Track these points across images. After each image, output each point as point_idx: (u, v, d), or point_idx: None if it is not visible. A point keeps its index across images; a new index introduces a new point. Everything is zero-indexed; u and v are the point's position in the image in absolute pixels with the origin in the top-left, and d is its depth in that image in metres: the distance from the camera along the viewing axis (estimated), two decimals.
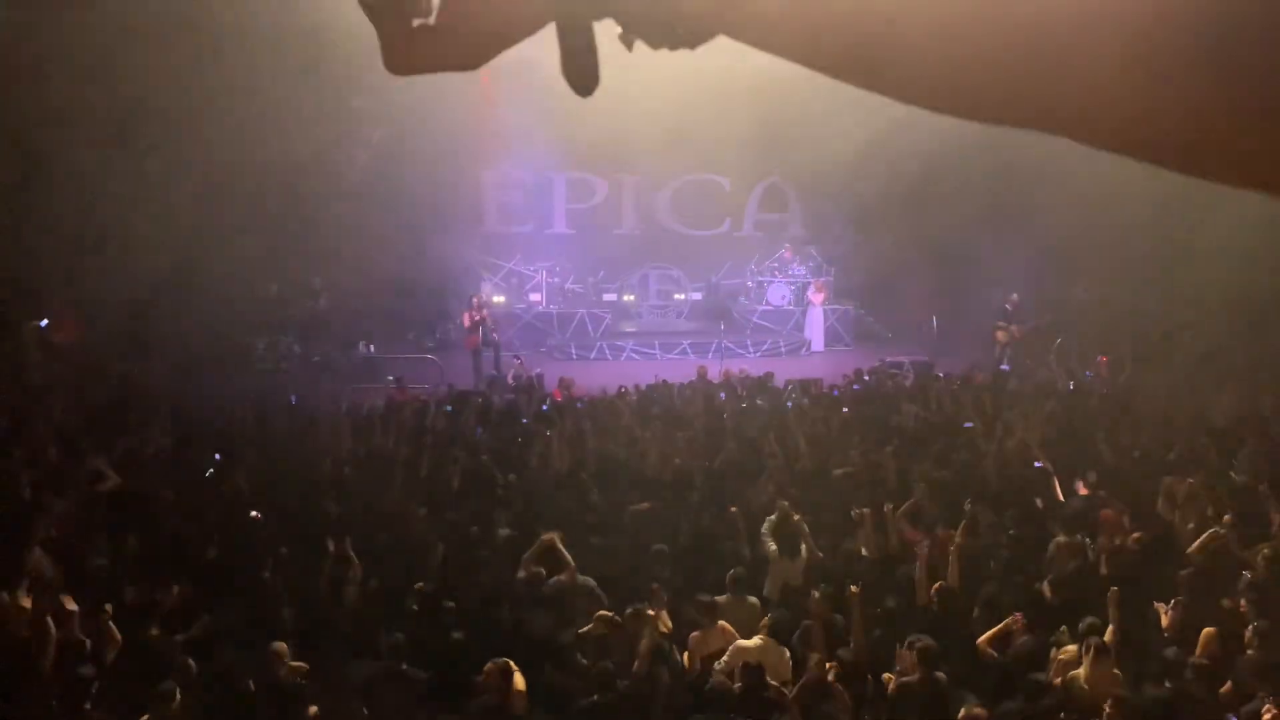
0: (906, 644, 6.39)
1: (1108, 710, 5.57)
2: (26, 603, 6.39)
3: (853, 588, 6.65)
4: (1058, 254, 19.04)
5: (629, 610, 6.81)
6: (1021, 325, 18.59)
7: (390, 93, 17.80)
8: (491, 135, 20.09)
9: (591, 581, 7.63)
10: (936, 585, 7.25)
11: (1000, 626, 6.75)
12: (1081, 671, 6.15)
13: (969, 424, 11.31)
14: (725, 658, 6.52)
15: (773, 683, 6.33)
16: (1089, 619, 6.54)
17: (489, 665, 5.94)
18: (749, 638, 6.72)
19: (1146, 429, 11.57)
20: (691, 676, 6.58)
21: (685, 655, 6.80)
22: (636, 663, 6.32)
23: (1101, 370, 16.03)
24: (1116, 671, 6.30)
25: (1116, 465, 10.19)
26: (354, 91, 18.06)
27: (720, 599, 7.17)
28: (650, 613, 6.61)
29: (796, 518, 8.20)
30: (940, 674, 6.26)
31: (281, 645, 6.40)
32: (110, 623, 6.33)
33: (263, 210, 16.73)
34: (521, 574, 7.44)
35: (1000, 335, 18.52)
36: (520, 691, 5.96)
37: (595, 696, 5.95)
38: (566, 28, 0.77)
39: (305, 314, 18.64)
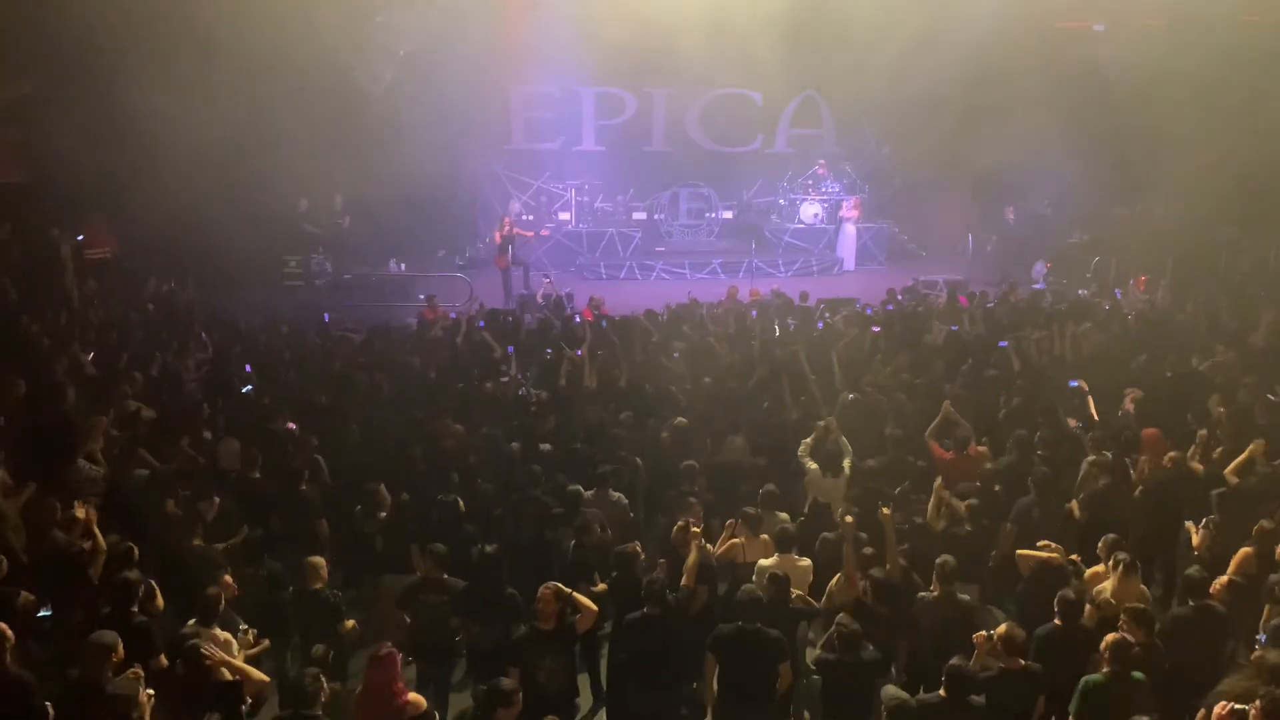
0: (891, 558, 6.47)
1: (1122, 622, 5.61)
2: (80, 512, 6.56)
3: (884, 509, 6.64)
4: (1098, 171, 18.56)
5: (677, 525, 6.90)
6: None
7: (415, 8, 17.50)
8: (519, 48, 19.70)
9: (623, 499, 7.73)
10: (966, 504, 7.26)
11: (1037, 550, 6.76)
12: (1109, 586, 6.19)
13: (1004, 343, 11.19)
14: (754, 578, 6.63)
15: (797, 593, 6.46)
16: (1110, 536, 6.55)
17: (543, 591, 5.91)
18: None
19: (1176, 349, 11.37)
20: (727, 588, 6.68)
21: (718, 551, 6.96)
22: (684, 577, 6.42)
23: (1137, 290, 15.74)
24: (1143, 587, 6.34)
25: (1151, 385, 10.07)
26: (378, 7, 17.76)
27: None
28: (696, 529, 6.69)
29: (843, 439, 8.21)
30: (963, 593, 6.32)
31: (319, 559, 6.56)
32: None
33: (293, 128, 16.64)
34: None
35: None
36: (592, 610, 6.03)
37: (645, 610, 6.04)
38: None
39: (330, 233, 18.66)
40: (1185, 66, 16.61)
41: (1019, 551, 6.82)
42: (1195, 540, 6.96)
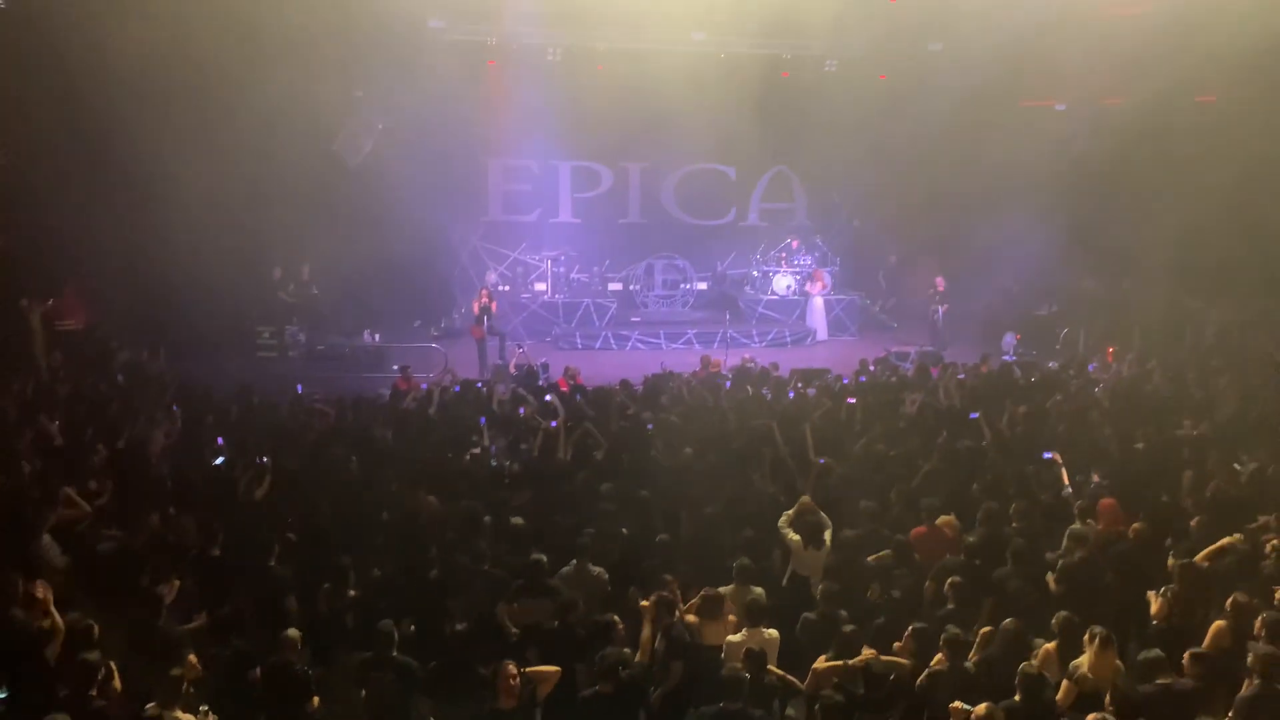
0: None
1: (1108, 702, 5.57)
2: (41, 593, 6.36)
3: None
4: (1065, 243, 18.96)
5: (648, 599, 6.81)
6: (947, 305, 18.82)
7: (393, 82, 17.80)
8: (497, 123, 20.09)
9: (604, 573, 7.60)
10: (950, 581, 7.20)
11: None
12: (1085, 661, 6.15)
13: (974, 414, 11.25)
14: (724, 654, 6.54)
15: (777, 672, 6.36)
16: (1062, 614, 6.53)
17: (505, 672, 5.85)
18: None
19: (1146, 419, 11.49)
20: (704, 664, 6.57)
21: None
22: (639, 652, 6.32)
23: (1107, 361, 15.95)
24: (1119, 663, 6.30)
25: (1120, 456, 10.15)
26: (356, 82, 18.05)
27: (725, 589, 7.17)
28: (644, 604, 6.60)
29: (822, 514, 8.17)
30: (969, 664, 6.25)
31: (295, 632, 6.41)
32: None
33: (270, 199, 16.75)
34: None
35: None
36: (553, 673, 6.02)
37: (598, 686, 5.93)
38: None
39: (304, 303, 18.66)
40: (1145, 143, 17.20)
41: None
42: (1154, 609, 6.97)
